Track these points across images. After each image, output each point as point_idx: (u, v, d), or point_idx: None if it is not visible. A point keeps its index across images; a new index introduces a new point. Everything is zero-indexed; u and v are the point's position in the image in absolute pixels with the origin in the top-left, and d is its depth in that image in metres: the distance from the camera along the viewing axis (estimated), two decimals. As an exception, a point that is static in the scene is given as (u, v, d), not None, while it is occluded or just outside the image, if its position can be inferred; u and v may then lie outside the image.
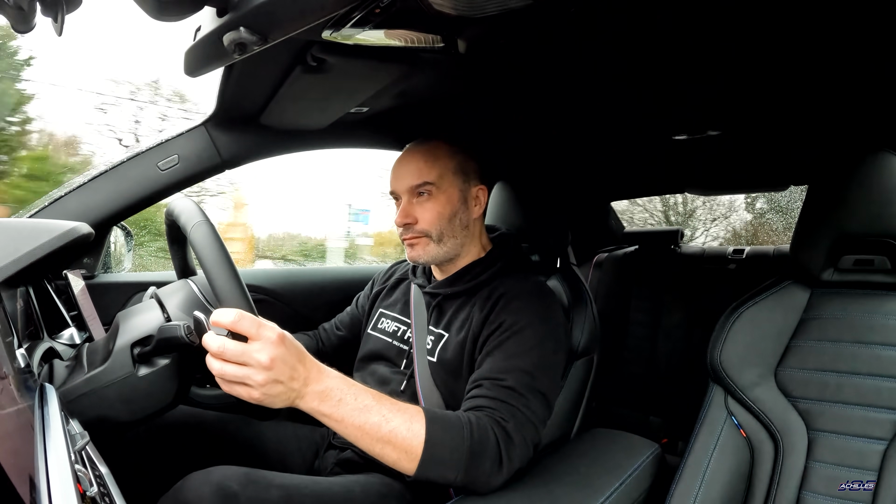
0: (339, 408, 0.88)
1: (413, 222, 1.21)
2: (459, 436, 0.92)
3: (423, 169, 1.21)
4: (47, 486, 0.50)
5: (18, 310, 0.96)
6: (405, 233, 1.23)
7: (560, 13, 0.85)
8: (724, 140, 1.62)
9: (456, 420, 0.95)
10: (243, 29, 0.71)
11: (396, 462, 0.91)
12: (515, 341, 1.07)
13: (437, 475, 0.92)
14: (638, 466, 1.06)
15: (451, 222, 1.22)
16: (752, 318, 1.19)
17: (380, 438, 0.89)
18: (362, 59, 0.96)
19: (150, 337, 0.95)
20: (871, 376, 1.05)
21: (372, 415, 0.90)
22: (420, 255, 1.23)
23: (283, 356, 0.81)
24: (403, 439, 0.90)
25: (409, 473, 0.91)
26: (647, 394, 2.39)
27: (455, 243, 1.24)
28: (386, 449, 0.90)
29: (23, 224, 0.95)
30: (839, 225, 1.10)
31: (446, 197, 1.22)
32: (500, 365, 1.04)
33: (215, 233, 0.94)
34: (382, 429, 0.89)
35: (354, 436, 0.89)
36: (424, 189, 1.21)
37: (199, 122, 1.39)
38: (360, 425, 0.88)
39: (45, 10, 0.59)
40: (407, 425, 0.91)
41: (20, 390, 0.66)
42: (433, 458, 0.90)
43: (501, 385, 1.01)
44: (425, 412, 0.94)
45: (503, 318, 1.10)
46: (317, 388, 0.87)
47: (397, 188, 1.24)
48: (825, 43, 0.96)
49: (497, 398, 0.99)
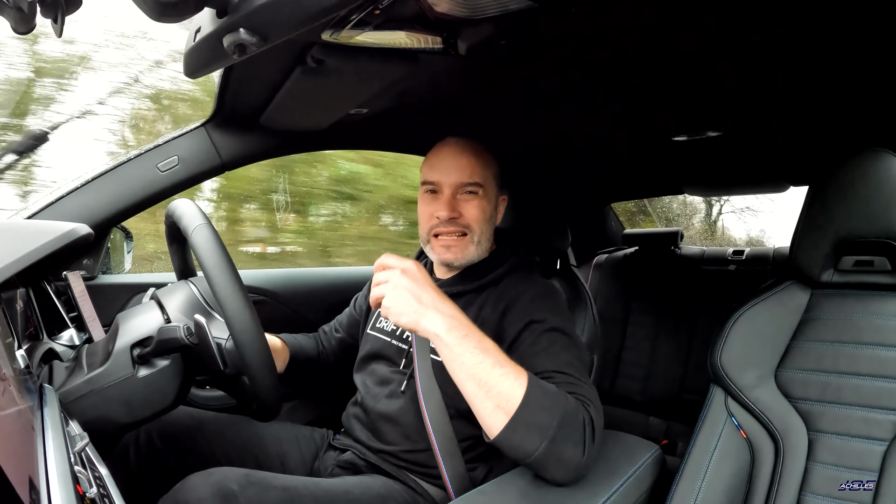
0: (464, 342, 0.90)
1: (458, 216, 1.20)
2: (555, 403, 0.89)
3: (476, 168, 1.21)
4: (47, 487, 0.50)
5: (18, 311, 0.96)
6: (445, 226, 1.21)
7: (560, 14, 0.85)
8: (724, 141, 1.62)
9: (554, 388, 0.92)
10: (243, 30, 0.71)
11: (492, 413, 0.88)
12: (552, 338, 1.06)
13: (522, 438, 0.87)
14: (638, 468, 1.06)
15: (489, 224, 1.24)
16: (752, 320, 1.19)
17: (486, 382, 0.88)
18: (362, 61, 0.96)
19: (149, 338, 0.95)
20: (871, 377, 1.05)
21: (489, 356, 0.90)
22: (458, 256, 1.22)
23: (417, 272, 0.96)
24: (507, 389, 0.88)
25: (496, 431, 0.88)
26: (646, 395, 2.39)
27: (485, 247, 1.25)
28: (490, 395, 0.88)
29: (22, 225, 0.96)
30: (839, 226, 1.10)
31: (488, 200, 1.23)
32: (551, 360, 1.02)
33: (217, 236, 0.94)
34: (494, 374, 0.89)
35: (463, 374, 0.90)
36: (473, 188, 1.21)
37: (199, 124, 1.39)
38: (476, 363, 0.89)
39: (45, 10, 0.59)
40: (513, 377, 0.89)
41: (20, 391, 0.66)
42: (525, 418, 0.87)
43: (566, 373, 0.99)
44: (528, 373, 0.92)
45: (528, 319, 1.10)
46: (445, 311, 0.92)
47: (443, 180, 1.21)
48: (825, 44, 0.96)
49: (571, 383, 0.97)
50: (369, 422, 1.24)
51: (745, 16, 0.86)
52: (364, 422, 1.26)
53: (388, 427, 1.20)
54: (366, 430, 1.24)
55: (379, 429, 1.21)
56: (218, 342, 0.97)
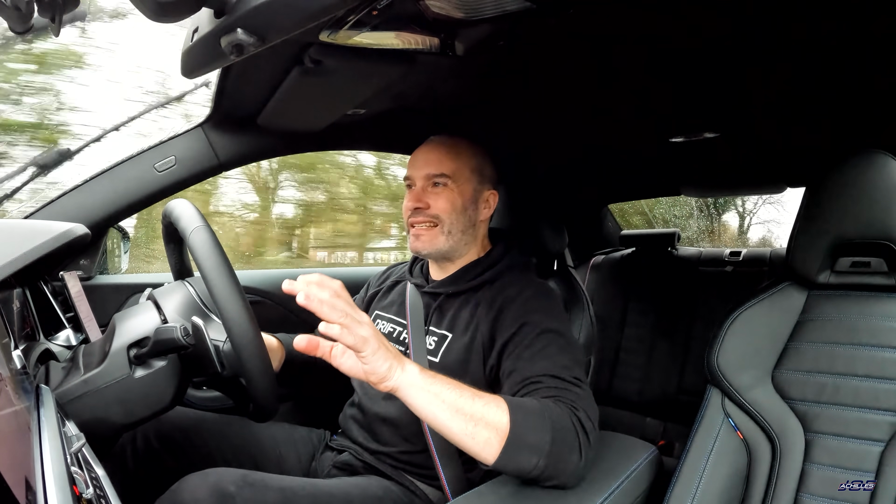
0: (435, 382, 0.88)
1: (425, 207, 1.22)
2: (541, 419, 0.89)
3: (444, 160, 1.23)
4: (43, 488, 0.49)
5: (15, 311, 0.95)
6: (415, 217, 1.23)
7: (558, 15, 0.85)
8: (721, 142, 1.62)
9: (535, 405, 0.92)
10: (241, 30, 0.71)
11: (485, 444, 0.87)
12: (545, 340, 1.06)
13: (521, 460, 0.88)
14: (635, 469, 1.06)
15: (461, 216, 1.23)
16: (749, 321, 1.19)
17: (472, 415, 0.87)
18: (360, 61, 0.96)
19: (146, 339, 0.95)
20: (868, 378, 1.05)
21: (464, 391, 0.89)
22: (425, 245, 1.23)
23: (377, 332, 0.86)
24: (493, 417, 0.87)
25: (492, 458, 0.87)
26: (643, 396, 2.39)
27: (460, 239, 1.24)
28: (478, 426, 0.86)
29: (19, 225, 0.95)
30: (836, 227, 1.10)
31: (460, 191, 1.23)
32: (541, 364, 1.02)
33: (214, 238, 0.94)
34: (476, 406, 0.87)
35: (448, 413, 0.86)
36: (441, 180, 1.22)
37: (196, 124, 1.39)
38: (458, 398, 0.87)
39: (43, 10, 0.59)
40: (494, 405, 0.89)
41: (16, 392, 0.66)
42: (517, 441, 0.87)
43: (556, 377, 0.99)
44: (504, 398, 0.91)
45: (522, 320, 1.09)
46: (412, 367, 0.88)
47: (414, 174, 1.25)
48: (822, 45, 0.96)
49: (559, 388, 0.97)
50: (366, 423, 1.24)
51: (742, 17, 0.87)
52: (361, 423, 1.26)
53: (385, 428, 1.20)
54: (363, 432, 1.24)
55: (376, 430, 1.21)
56: (216, 344, 0.97)
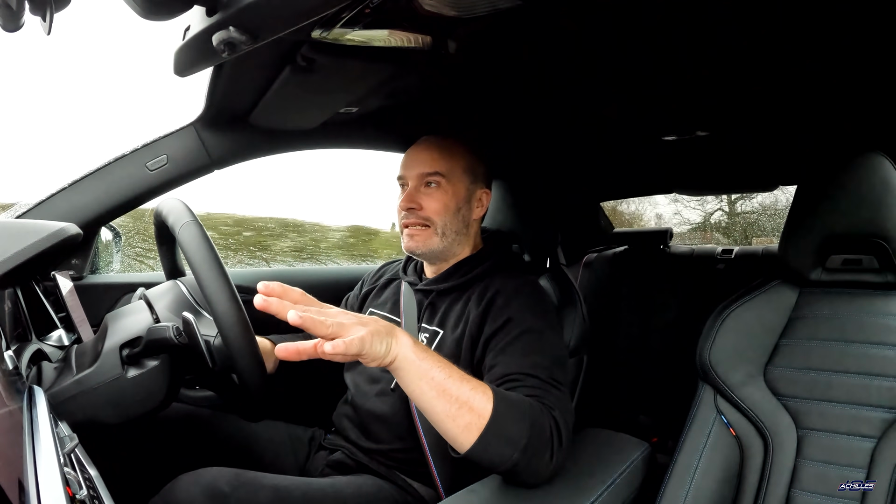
0: (428, 358, 0.86)
1: (418, 208, 1.22)
2: (521, 412, 0.89)
3: (437, 159, 1.22)
4: (36, 489, 0.49)
5: (6, 311, 0.95)
6: (408, 218, 1.23)
7: (550, 14, 0.85)
8: (713, 140, 1.63)
9: (518, 399, 0.92)
10: (233, 28, 0.71)
11: (464, 429, 0.85)
12: (528, 339, 1.06)
13: (496, 450, 0.86)
14: (628, 466, 1.07)
15: (455, 217, 1.23)
16: (741, 318, 1.20)
17: (458, 398, 0.85)
18: (352, 60, 0.96)
19: (139, 338, 0.94)
20: (859, 375, 1.06)
21: (454, 371, 0.87)
22: (419, 245, 1.23)
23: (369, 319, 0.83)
24: (478, 403, 0.86)
25: (468, 445, 0.85)
26: (636, 393, 2.40)
27: (454, 239, 1.24)
28: (462, 410, 0.85)
29: (10, 225, 0.95)
30: (827, 225, 1.11)
31: (453, 191, 1.23)
32: (521, 361, 1.01)
33: (204, 233, 0.94)
34: (463, 389, 0.86)
35: (435, 392, 0.85)
36: (434, 179, 1.22)
37: (188, 122, 1.38)
38: (445, 378, 0.85)
39: (34, 8, 0.58)
40: (480, 391, 0.87)
41: (8, 392, 0.66)
42: (496, 431, 0.86)
43: (535, 377, 0.98)
44: (490, 386, 0.90)
45: (507, 316, 1.09)
46: (405, 338, 0.85)
47: (407, 174, 1.25)
48: (814, 44, 0.97)
49: (537, 387, 0.97)
50: (359, 420, 1.24)
51: (735, 17, 0.87)
52: (354, 420, 1.25)
53: (378, 426, 1.20)
54: (356, 429, 1.24)
55: (369, 427, 1.21)
56: (206, 339, 0.96)
